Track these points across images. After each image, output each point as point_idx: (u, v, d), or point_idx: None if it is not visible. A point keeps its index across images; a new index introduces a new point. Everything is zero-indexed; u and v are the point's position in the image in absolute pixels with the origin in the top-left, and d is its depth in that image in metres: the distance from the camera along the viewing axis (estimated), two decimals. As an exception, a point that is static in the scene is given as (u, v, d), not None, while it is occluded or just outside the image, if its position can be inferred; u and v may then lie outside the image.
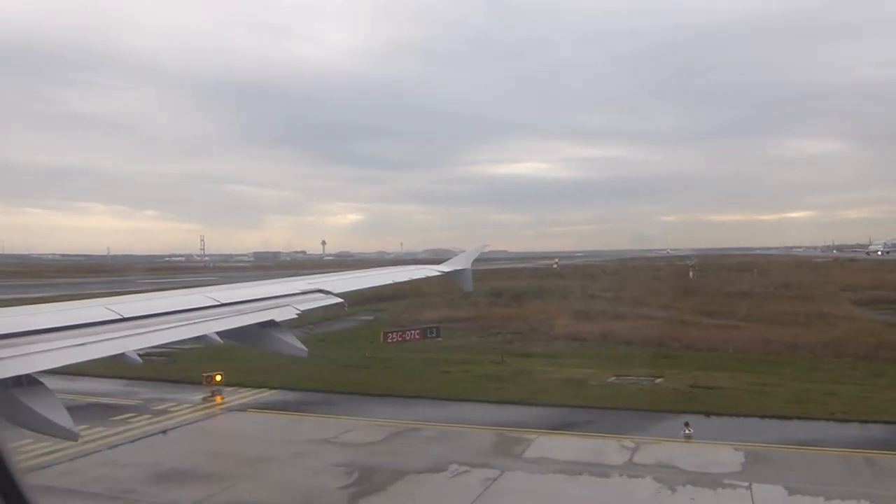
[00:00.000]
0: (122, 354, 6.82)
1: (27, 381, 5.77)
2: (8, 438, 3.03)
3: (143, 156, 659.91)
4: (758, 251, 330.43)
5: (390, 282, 15.33)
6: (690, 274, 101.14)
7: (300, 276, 14.71)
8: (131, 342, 7.08)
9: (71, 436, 5.71)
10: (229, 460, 19.37)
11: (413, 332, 42.55)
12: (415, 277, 16.84)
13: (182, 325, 7.78)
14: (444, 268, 16.89)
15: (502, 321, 50.61)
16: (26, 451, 17.78)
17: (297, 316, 9.43)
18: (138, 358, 6.92)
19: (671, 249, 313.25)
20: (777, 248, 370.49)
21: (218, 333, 8.19)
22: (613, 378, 30.02)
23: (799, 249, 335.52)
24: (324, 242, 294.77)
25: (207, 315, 8.31)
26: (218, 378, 28.48)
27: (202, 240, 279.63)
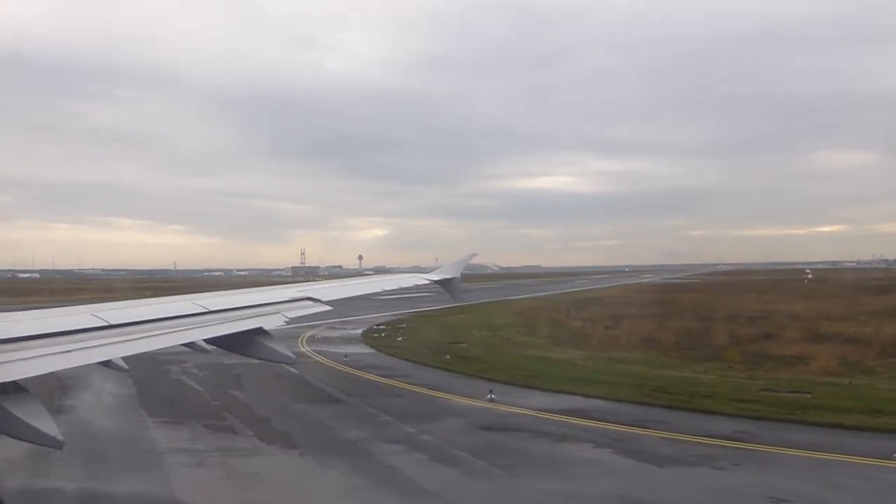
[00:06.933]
0: (109, 362, 6.76)
1: (12, 389, 5.70)
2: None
3: (166, 169, 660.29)
4: (799, 265, 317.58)
5: (379, 290, 15.23)
6: None
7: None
8: (117, 349, 7.03)
9: (55, 444, 5.60)
10: None
11: None
12: (403, 286, 16.77)
13: (170, 332, 7.75)
14: (433, 276, 16.75)
15: None
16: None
17: (285, 323, 9.35)
18: (125, 365, 6.86)
19: (724, 264, 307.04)
20: (822, 262, 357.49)
21: (206, 341, 8.14)
22: None
23: (850, 264, 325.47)
24: (360, 257, 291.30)
25: (196, 322, 8.27)
26: None
27: (303, 253, 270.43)
